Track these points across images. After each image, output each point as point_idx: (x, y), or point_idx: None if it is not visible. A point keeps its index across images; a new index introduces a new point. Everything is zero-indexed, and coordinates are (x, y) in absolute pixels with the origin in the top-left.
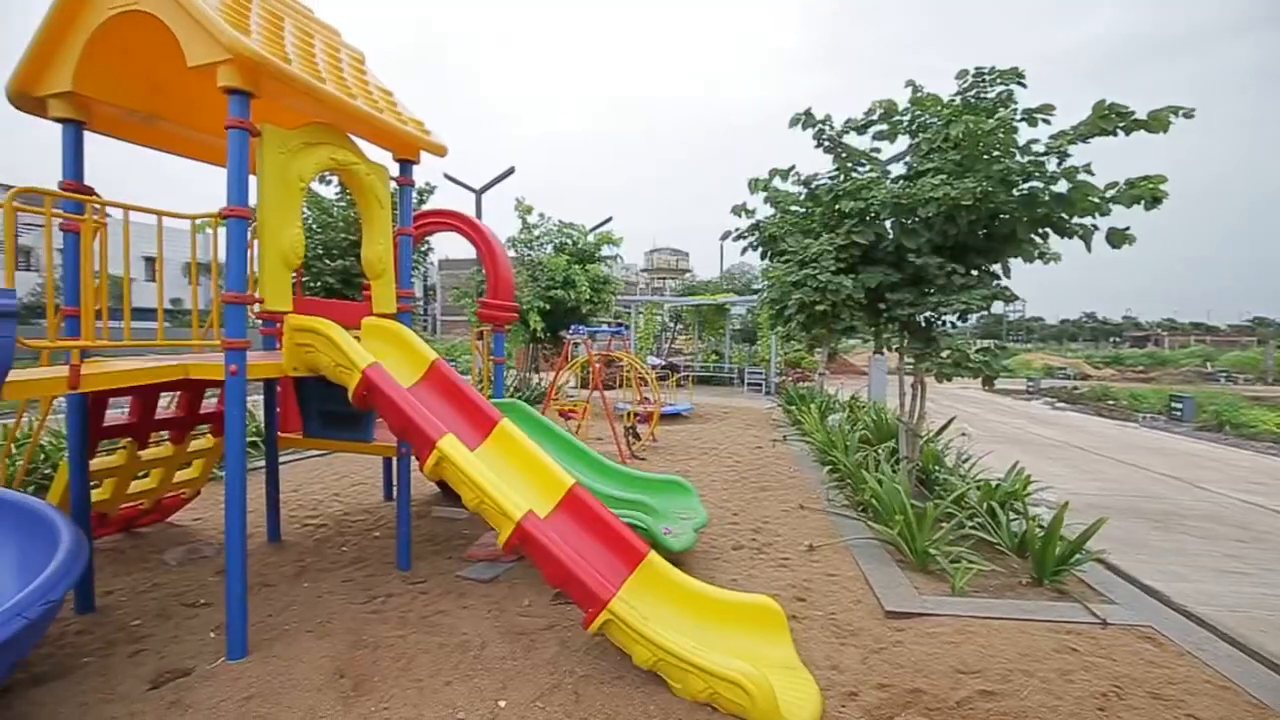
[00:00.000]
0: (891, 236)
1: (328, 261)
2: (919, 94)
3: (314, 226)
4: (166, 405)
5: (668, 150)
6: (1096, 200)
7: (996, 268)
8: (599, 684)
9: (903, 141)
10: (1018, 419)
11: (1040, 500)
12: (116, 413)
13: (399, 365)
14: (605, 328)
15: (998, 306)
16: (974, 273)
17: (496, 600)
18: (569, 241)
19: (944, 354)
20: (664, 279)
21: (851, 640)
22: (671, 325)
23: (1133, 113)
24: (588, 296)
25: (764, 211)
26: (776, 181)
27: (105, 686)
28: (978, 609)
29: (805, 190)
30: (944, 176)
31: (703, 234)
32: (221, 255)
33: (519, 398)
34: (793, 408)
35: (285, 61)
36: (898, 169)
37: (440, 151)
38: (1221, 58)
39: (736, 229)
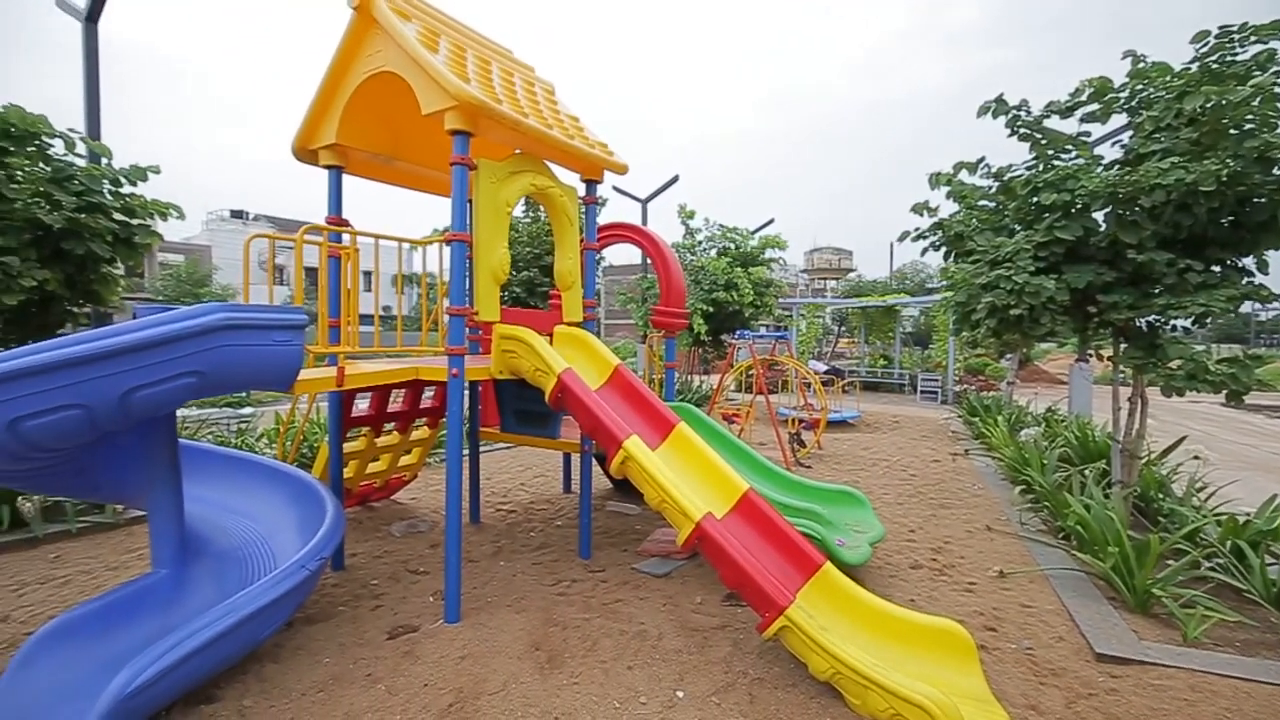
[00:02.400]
0: (1105, 230)
1: (514, 273)
2: (1141, 64)
3: None
4: (393, 400)
5: (826, 145)
6: None
7: (1248, 261)
8: (773, 688)
9: (1115, 122)
10: (1272, 442)
11: None
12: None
13: (586, 369)
14: (767, 331)
15: (1245, 306)
16: (1215, 269)
17: (670, 595)
18: (732, 245)
19: (1174, 364)
20: (825, 279)
21: (1053, 680)
22: (835, 328)
23: None
24: (750, 299)
25: (947, 209)
26: (963, 175)
27: (355, 632)
28: (1220, 665)
29: (996, 184)
30: (1176, 159)
31: (867, 230)
32: (431, 270)
33: (681, 400)
34: (975, 419)
35: (497, 102)
36: (1111, 153)
37: (622, 170)
38: None
39: (916, 229)
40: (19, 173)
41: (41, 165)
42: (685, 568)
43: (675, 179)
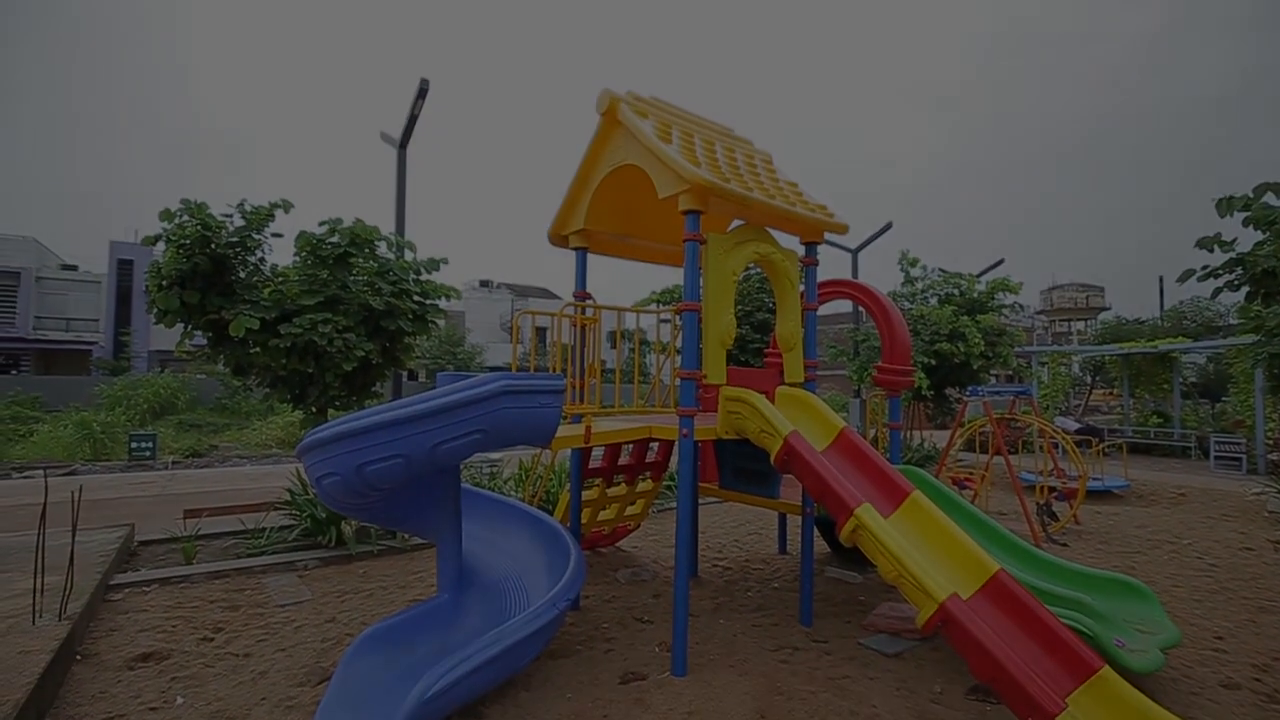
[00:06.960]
0: None
1: None
2: None
3: None
4: (623, 454)
5: (1064, 166)
6: None
7: None
8: None
9: None
10: None
11: None
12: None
13: (810, 431)
14: (1001, 385)
15: None
16: None
17: (904, 678)
18: (956, 292)
19: None
20: (1069, 321)
21: None
22: (1087, 378)
23: None
24: (980, 350)
25: (1244, 238)
26: (1268, 198)
27: (590, 673)
28: None
29: None
30: None
31: (1122, 259)
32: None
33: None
34: None
35: (724, 181)
36: None
37: (842, 230)
38: None
39: (1204, 266)
40: (355, 268)
41: (371, 261)
42: (919, 649)
43: (889, 226)
